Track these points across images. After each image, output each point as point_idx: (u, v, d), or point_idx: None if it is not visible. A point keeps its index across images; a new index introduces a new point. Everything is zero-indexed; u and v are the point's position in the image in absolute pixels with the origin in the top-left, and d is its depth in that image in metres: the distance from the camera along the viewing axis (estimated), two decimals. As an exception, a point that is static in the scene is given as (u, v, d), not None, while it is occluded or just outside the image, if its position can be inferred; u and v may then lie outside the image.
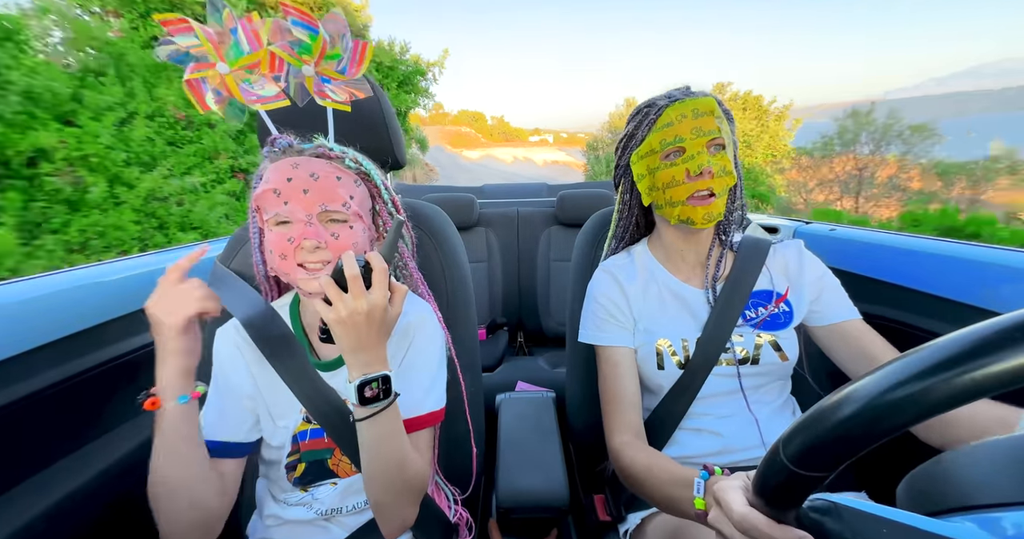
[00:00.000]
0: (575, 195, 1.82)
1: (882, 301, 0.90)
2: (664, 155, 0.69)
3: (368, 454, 0.55)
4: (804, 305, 0.73)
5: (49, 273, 0.87)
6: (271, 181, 0.56)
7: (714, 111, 0.67)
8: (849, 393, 0.26)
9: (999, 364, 0.21)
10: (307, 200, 0.55)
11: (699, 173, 0.67)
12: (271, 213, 0.56)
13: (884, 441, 0.25)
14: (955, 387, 0.22)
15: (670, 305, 0.76)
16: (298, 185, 0.55)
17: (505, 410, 0.97)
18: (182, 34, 0.56)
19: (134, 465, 0.87)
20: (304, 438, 0.65)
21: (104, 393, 0.88)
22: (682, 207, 0.69)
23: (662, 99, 0.72)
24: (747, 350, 0.72)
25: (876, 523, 0.28)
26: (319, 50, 0.59)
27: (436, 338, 0.68)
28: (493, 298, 1.91)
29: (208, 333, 0.69)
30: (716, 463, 0.71)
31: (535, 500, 0.73)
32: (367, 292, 0.50)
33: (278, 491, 0.67)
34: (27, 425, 0.73)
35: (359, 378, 0.52)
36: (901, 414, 0.24)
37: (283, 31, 0.58)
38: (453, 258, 0.83)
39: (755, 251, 0.76)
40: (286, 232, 0.55)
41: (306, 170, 0.56)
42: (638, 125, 0.73)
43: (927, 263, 0.91)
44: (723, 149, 0.68)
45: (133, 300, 0.94)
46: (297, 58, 0.59)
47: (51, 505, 0.72)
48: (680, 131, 0.67)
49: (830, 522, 0.29)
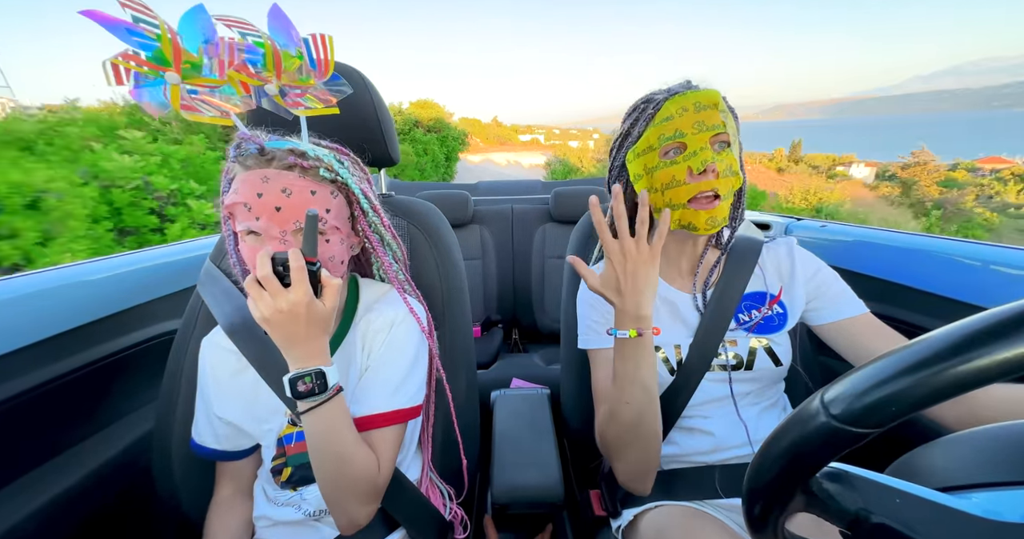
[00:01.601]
0: (569, 192, 1.82)
1: (873, 297, 0.91)
2: (663, 152, 0.64)
3: (311, 447, 0.56)
4: (799, 306, 0.71)
5: (36, 271, 0.85)
6: (241, 194, 0.53)
7: (718, 104, 0.62)
8: (938, 338, 0.24)
9: None
10: (280, 217, 0.53)
11: (702, 171, 0.61)
12: (243, 226, 0.54)
13: (952, 397, 0.23)
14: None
15: (662, 311, 0.74)
16: (270, 201, 0.52)
17: (500, 407, 0.97)
18: (132, 75, 0.48)
19: (126, 463, 0.86)
20: (290, 441, 0.65)
21: (97, 391, 0.87)
22: (683, 211, 0.64)
23: (661, 93, 0.66)
24: (740, 355, 0.70)
25: (889, 493, 0.27)
26: (273, 59, 0.53)
27: (412, 337, 0.66)
28: (488, 295, 1.91)
29: (197, 342, 0.69)
30: (708, 461, 0.72)
31: (530, 496, 0.73)
32: (286, 290, 0.50)
33: (269, 489, 0.67)
34: (20, 423, 0.73)
35: (291, 373, 0.52)
36: (996, 368, 0.22)
37: (236, 52, 0.52)
38: (448, 255, 0.82)
39: (747, 252, 0.74)
40: (257, 245, 0.54)
41: (277, 185, 0.53)
42: (635, 122, 0.67)
43: (918, 259, 0.92)
44: (728, 147, 0.63)
45: (122, 299, 0.93)
46: (258, 78, 0.53)
47: (44, 504, 0.71)
48: (681, 125, 0.61)
49: (842, 490, 0.29)
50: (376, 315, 0.66)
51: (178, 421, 0.74)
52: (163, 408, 0.75)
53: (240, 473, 0.70)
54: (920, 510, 0.26)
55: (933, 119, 77.93)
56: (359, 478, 0.57)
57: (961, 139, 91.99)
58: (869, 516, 0.27)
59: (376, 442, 0.60)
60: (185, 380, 0.75)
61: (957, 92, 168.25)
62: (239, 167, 0.56)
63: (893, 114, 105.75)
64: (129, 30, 0.47)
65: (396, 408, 0.62)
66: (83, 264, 0.94)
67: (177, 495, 0.73)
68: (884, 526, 0.27)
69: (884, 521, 0.27)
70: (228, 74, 0.52)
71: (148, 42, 0.48)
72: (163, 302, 1.02)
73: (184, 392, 0.74)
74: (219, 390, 0.66)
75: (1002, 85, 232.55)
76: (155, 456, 0.75)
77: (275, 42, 0.53)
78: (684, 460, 0.73)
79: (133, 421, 0.93)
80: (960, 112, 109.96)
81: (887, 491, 0.28)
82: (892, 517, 0.27)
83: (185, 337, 0.76)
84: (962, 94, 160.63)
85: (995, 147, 62.86)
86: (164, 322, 1.02)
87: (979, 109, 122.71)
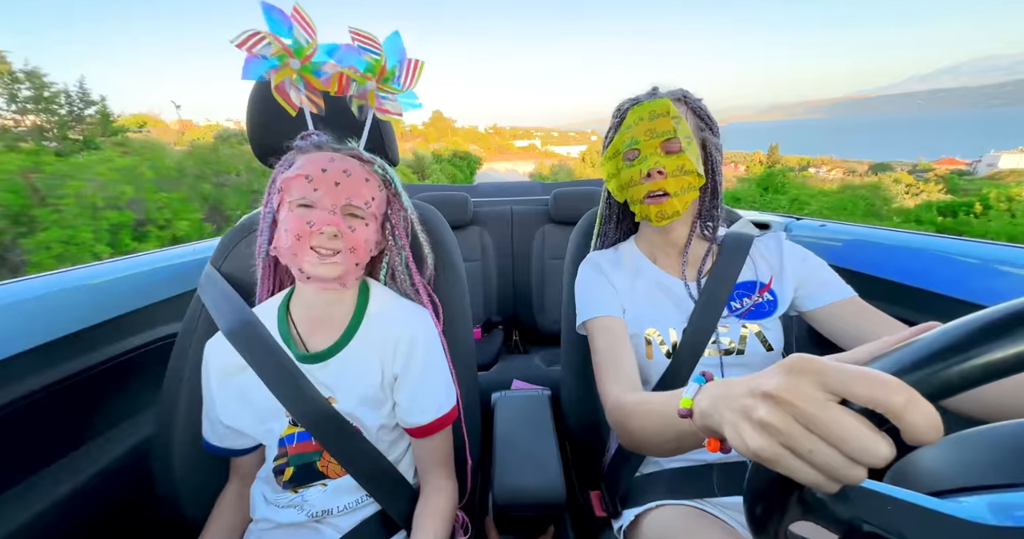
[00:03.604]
0: (569, 193, 1.82)
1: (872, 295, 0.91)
2: (625, 156, 0.74)
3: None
4: (788, 292, 0.74)
5: (37, 276, 0.85)
6: (305, 168, 0.59)
7: (669, 111, 0.69)
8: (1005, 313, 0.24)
9: None
10: (336, 192, 0.59)
11: (649, 175, 0.70)
12: (297, 196, 0.59)
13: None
14: None
15: (657, 296, 0.78)
16: (331, 177, 0.59)
17: (501, 408, 0.97)
18: (260, 46, 0.59)
19: (128, 467, 0.86)
20: (291, 441, 0.65)
21: (98, 395, 0.87)
22: (640, 205, 0.74)
23: (627, 103, 0.75)
24: (733, 340, 0.73)
25: (880, 500, 0.27)
26: (380, 70, 0.65)
27: (438, 340, 0.71)
28: (488, 297, 1.91)
29: (198, 346, 0.70)
30: (707, 460, 0.71)
31: (531, 498, 0.73)
32: None
33: (269, 492, 0.67)
34: (21, 427, 0.73)
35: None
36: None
37: (352, 54, 0.65)
38: (448, 257, 0.82)
39: (738, 244, 0.78)
40: (306, 215, 0.58)
41: (340, 166, 0.60)
42: (611, 127, 0.77)
43: (917, 258, 0.92)
44: (680, 150, 0.69)
45: (123, 302, 0.93)
46: (363, 76, 0.65)
47: (45, 508, 0.71)
48: (636, 133, 0.71)
49: (835, 499, 0.29)
50: (393, 322, 0.68)
51: (179, 424, 0.74)
52: (164, 411, 0.75)
53: (251, 469, 0.72)
54: (911, 516, 0.26)
55: (930, 119, 78.19)
56: (454, 507, 0.70)
57: (954, 138, 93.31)
58: (862, 524, 0.27)
59: (445, 451, 0.71)
60: (186, 383, 0.75)
61: (954, 91, 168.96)
62: (301, 154, 0.63)
63: (890, 113, 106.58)
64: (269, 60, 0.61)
65: (452, 406, 0.70)
66: (84, 268, 0.94)
67: (178, 498, 0.73)
68: (876, 535, 0.27)
69: (875, 530, 0.27)
70: (340, 70, 0.64)
71: (275, 52, 0.60)
72: (164, 306, 1.02)
73: (185, 395, 0.74)
74: (221, 394, 0.66)
75: (999, 84, 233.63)
76: (156, 459, 0.75)
77: (387, 58, 0.65)
78: (684, 458, 0.73)
79: (134, 425, 0.93)
80: (958, 111, 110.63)
81: (878, 498, 0.27)
82: (883, 525, 0.26)
83: (186, 340, 0.76)
84: (959, 93, 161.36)
85: (988, 146, 65.38)
86: (165, 326, 1.02)
87: (977, 108, 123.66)
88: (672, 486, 0.71)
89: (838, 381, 0.27)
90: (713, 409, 0.36)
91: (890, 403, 0.24)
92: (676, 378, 0.72)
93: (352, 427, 0.65)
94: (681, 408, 0.41)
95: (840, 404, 0.27)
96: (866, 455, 0.25)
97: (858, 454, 0.25)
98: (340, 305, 0.67)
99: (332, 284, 0.62)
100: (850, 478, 0.26)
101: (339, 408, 0.64)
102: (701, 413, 0.39)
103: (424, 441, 0.68)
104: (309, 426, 0.63)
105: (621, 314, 0.76)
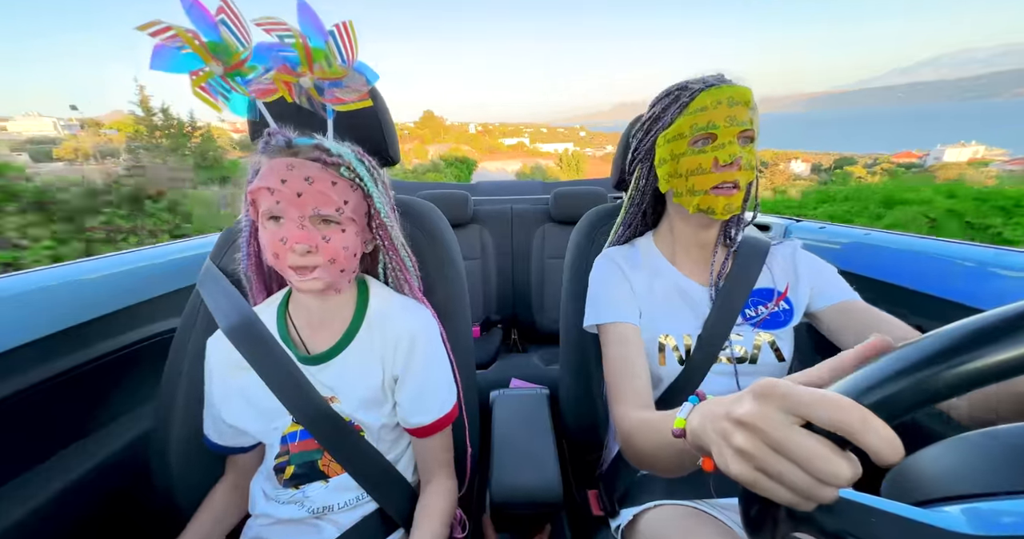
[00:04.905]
0: (569, 193, 1.82)
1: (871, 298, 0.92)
2: (693, 141, 0.67)
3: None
4: (803, 302, 0.73)
5: (35, 269, 0.85)
6: (265, 179, 0.55)
7: (748, 102, 0.65)
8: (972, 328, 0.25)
9: None
10: (300, 202, 0.55)
11: (729, 163, 0.64)
12: (264, 208, 0.56)
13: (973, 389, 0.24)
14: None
15: (674, 300, 0.75)
16: (292, 187, 0.54)
17: (499, 407, 0.97)
18: (169, 37, 0.53)
19: (125, 462, 0.86)
20: (293, 440, 0.65)
21: (96, 389, 0.87)
22: (703, 196, 0.67)
23: (696, 82, 0.68)
24: (746, 349, 0.72)
25: (864, 512, 0.28)
26: (305, 54, 0.56)
27: (439, 337, 0.71)
28: (487, 295, 1.91)
29: (197, 342, 0.70)
30: None
31: (529, 496, 0.73)
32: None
33: (269, 488, 0.67)
34: (18, 421, 0.73)
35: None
36: None
37: (276, 50, 0.56)
38: (447, 255, 0.82)
39: (755, 250, 0.76)
40: (278, 231, 0.55)
41: (301, 173, 0.55)
42: (666, 107, 0.69)
43: (916, 261, 0.93)
44: (751, 142, 0.67)
45: (121, 297, 0.93)
46: (294, 74, 0.57)
47: (42, 502, 0.71)
48: (714, 118, 0.64)
49: (821, 511, 0.29)
50: (393, 321, 0.67)
51: (177, 419, 0.74)
52: (162, 406, 0.75)
53: (249, 464, 0.72)
54: (893, 528, 0.26)
55: (909, 112, 78.85)
56: (453, 504, 0.70)
57: (931, 131, 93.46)
58: (847, 537, 0.27)
59: (445, 449, 0.70)
60: (184, 378, 0.74)
61: (933, 83, 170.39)
62: (266, 158, 0.58)
63: (871, 106, 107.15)
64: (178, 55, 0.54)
65: (454, 404, 0.70)
66: (82, 262, 0.93)
67: (174, 494, 0.73)
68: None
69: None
70: (272, 76, 0.57)
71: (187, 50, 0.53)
72: (162, 300, 1.02)
73: (183, 390, 0.74)
74: (223, 392, 0.66)
75: (975, 77, 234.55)
76: (153, 454, 0.75)
77: (307, 39, 0.55)
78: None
79: (132, 419, 0.93)
80: (937, 104, 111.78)
81: (863, 510, 0.28)
82: (869, 537, 0.27)
83: (185, 336, 0.76)
84: (938, 86, 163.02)
85: (957, 138, 70.92)
86: (164, 321, 1.01)
87: (953, 101, 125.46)
88: (670, 486, 0.71)
89: (801, 405, 0.28)
90: (702, 430, 0.37)
91: (847, 426, 0.26)
92: (688, 385, 0.71)
93: (352, 427, 0.64)
94: (675, 428, 0.42)
95: (805, 427, 0.28)
96: (830, 476, 0.27)
97: (823, 475, 0.27)
98: (339, 306, 0.67)
99: (324, 292, 0.62)
100: (821, 497, 0.28)
101: (341, 408, 0.64)
102: (692, 433, 0.40)
103: (425, 441, 0.68)
104: (309, 426, 0.63)
105: (637, 320, 0.73)
